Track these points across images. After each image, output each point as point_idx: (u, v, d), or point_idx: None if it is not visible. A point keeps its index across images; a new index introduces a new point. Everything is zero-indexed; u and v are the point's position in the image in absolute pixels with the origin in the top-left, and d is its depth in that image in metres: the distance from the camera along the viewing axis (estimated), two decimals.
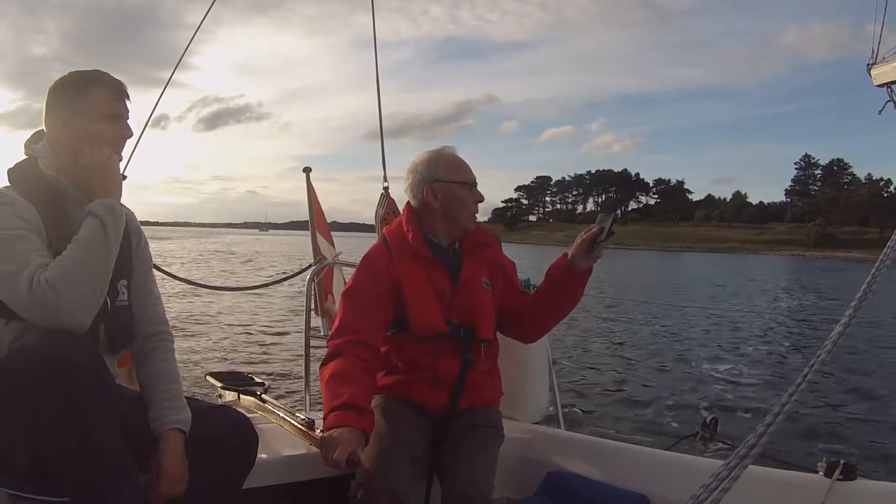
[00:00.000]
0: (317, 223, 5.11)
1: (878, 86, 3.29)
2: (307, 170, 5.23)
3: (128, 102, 2.51)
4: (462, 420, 3.11)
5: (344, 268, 4.99)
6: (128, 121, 2.51)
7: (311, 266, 4.78)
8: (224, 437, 2.49)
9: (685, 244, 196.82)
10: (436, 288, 3.18)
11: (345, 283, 4.72)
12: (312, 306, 4.51)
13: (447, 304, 3.18)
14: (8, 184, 2.37)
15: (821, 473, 2.64)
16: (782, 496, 2.69)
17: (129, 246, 2.61)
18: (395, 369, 3.25)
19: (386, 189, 5.02)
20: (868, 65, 3.36)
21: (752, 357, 16.59)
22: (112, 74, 2.52)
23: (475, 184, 3.31)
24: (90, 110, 2.41)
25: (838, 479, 2.56)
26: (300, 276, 5.40)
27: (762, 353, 17.22)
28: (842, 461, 2.63)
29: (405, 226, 3.26)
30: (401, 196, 4.27)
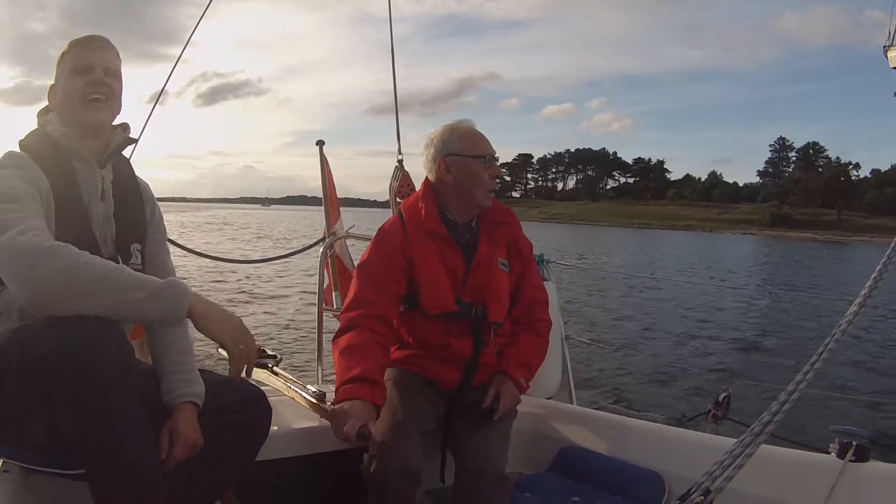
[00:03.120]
0: (331, 195, 5.11)
1: (894, 68, 3.26)
2: (320, 143, 5.22)
3: (103, 53, 2.50)
4: (475, 396, 3.09)
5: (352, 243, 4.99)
6: (108, 69, 2.49)
7: (324, 239, 4.78)
8: (237, 409, 2.48)
9: (645, 221, 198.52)
10: (448, 266, 3.14)
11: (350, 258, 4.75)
12: (325, 280, 4.51)
13: (459, 284, 3.15)
14: (18, 150, 2.39)
15: (833, 454, 2.61)
16: (794, 476, 2.66)
17: (143, 213, 2.64)
18: (407, 344, 3.24)
19: (400, 162, 4.98)
20: (884, 47, 3.33)
21: (761, 334, 16.70)
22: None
23: (493, 158, 3.23)
24: (64, 69, 2.47)
25: (851, 461, 2.53)
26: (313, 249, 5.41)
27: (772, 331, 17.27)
28: (854, 442, 2.59)
29: (420, 201, 3.23)
30: (416, 171, 4.26)
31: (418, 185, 3.42)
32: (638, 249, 60.96)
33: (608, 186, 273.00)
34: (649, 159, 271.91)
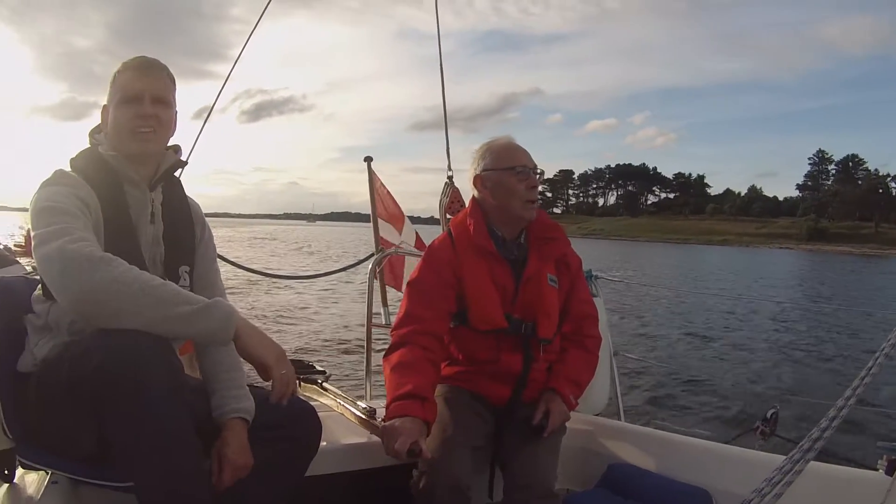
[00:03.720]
0: (381, 212, 5.14)
1: None
2: (368, 159, 5.26)
3: (154, 81, 2.47)
4: (525, 412, 3.08)
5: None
6: (157, 98, 2.46)
7: (373, 255, 4.81)
8: (287, 424, 2.50)
9: (683, 236, 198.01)
10: (497, 283, 3.14)
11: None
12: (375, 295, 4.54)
13: (509, 300, 3.14)
14: (69, 169, 2.41)
15: (881, 471, 2.58)
16: (842, 493, 2.64)
17: (192, 234, 2.66)
18: (457, 360, 3.25)
19: (450, 178, 4.99)
20: None
21: (805, 350, 16.52)
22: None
23: (530, 169, 3.20)
24: (113, 96, 2.46)
25: None
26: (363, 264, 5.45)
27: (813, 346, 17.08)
28: None
29: (469, 218, 3.23)
30: (465, 187, 4.29)
31: (468, 201, 3.44)
32: (675, 264, 60.67)
33: (649, 202, 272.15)
34: (689, 174, 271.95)
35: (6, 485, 2.54)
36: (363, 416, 3.20)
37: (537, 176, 3.23)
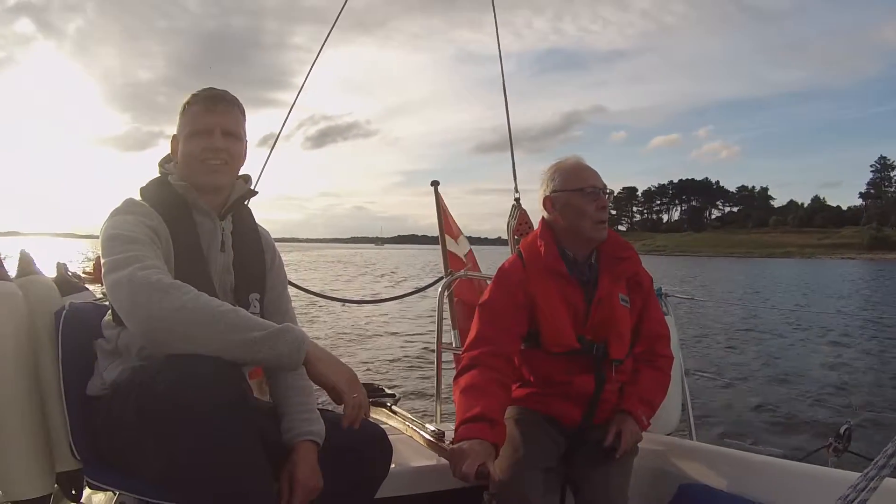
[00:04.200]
0: (451, 233, 5.14)
1: None
2: (435, 183, 5.25)
3: (224, 115, 2.49)
4: (596, 433, 3.05)
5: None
6: (227, 131, 2.49)
7: (442, 278, 4.81)
8: (358, 447, 2.49)
9: (746, 250, 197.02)
10: (569, 304, 3.10)
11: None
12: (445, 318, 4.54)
13: (581, 321, 3.11)
14: (139, 197, 2.44)
15: None
16: None
17: (262, 262, 2.68)
18: (528, 382, 3.22)
19: (517, 200, 4.97)
20: None
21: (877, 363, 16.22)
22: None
23: (600, 189, 3.16)
24: (183, 128, 2.49)
25: None
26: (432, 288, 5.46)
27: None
28: None
29: (539, 239, 3.21)
30: (532, 208, 4.28)
31: (536, 222, 3.42)
32: (737, 279, 60.17)
33: (713, 216, 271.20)
34: (753, 187, 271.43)
35: None
36: (432, 439, 3.19)
37: (607, 196, 3.19)
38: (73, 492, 2.62)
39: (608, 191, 3.21)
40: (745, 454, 3.26)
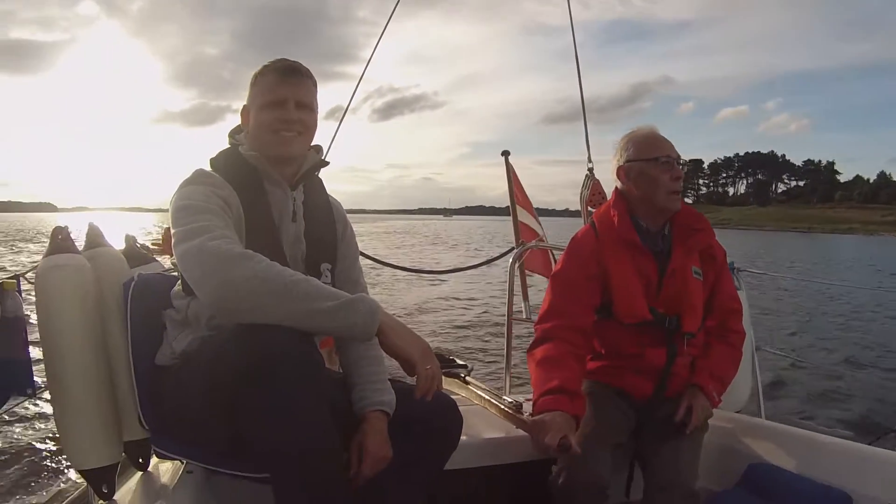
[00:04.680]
0: (523, 204, 5.13)
1: None
2: (506, 153, 5.24)
3: (298, 86, 2.46)
4: (667, 408, 3.02)
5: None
6: (301, 103, 2.46)
7: (513, 249, 4.79)
8: (428, 418, 2.47)
9: (807, 225, 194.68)
10: (642, 275, 3.07)
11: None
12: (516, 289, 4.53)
13: (653, 293, 3.08)
14: (209, 168, 2.44)
15: None
16: None
17: (334, 232, 2.66)
18: (599, 355, 3.21)
19: (590, 170, 4.93)
20: None
21: None
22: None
23: (673, 159, 3.10)
24: (255, 98, 2.47)
25: None
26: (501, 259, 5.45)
27: None
28: None
29: (612, 210, 3.18)
30: (604, 178, 4.25)
31: (608, 193, 3.39)
32: (801, 256, 59.35)
33: (778, 190, 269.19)
34: (819, 161, 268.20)
35: (140, 473, 2.61)
36: (509, 410, 3.21)
37: (681, 166, 3.13)
38: (141, 460, 2.65)
39: (682, 161, 3.15)
40: (815, 435, 3.22)
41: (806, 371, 11.68)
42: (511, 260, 4.53)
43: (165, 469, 2.64)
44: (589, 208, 4.69)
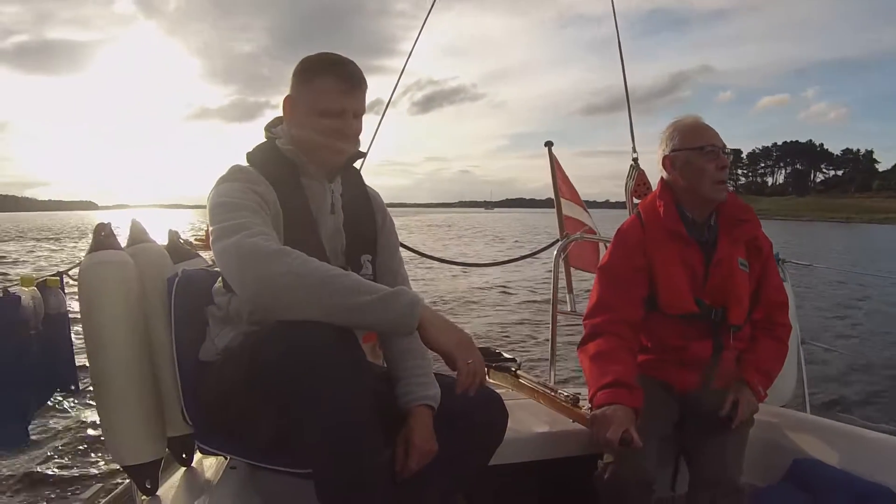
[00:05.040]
0: (569, 195, 5.11)
1: None
2: (549, 144, 5.23)
3: (357, 98, 2.42)
4: (712, 402, 2.98)
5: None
6: (358, 113, 2.43)
7: (557, 241, 4.78)
8: (473, 412, 2.45)
9: (845, 215, 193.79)
10: (687, 266, 3.04)
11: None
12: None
13: (699, 284, 3.05)
14: (246, 163, 2.42)
15: None
16: None
17: (373, 223, 2.65)
18: (644, 347, 3.18)
19: (635, 161, 4.89)
20: None
21: None
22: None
23: (719, 148, 3.06)
24: (312, 100, 2.38)
25: None
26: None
27: None
28: None
29: (658, 200, 3.15)
30: (649, 169, 4.22)
31: (654, 183, 3.37)
32: (839, 246, 58.81)
33: (818, 180, 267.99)
34: (858, 150, 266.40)
35: (183, 468, 2.63)
36: (566, 404, 3.19)
37: (727, 155, 3.09)
38: (184, 456, 2.68)
39: (728, 150, 3.11)
40: (862, 430, 3.18)
41: (852, 365, 11.54)
42: (556, 252, 4.51)
43: (209, 464, 2.66)
44: (634, 199, 4.67)
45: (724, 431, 2.94)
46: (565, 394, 3.25)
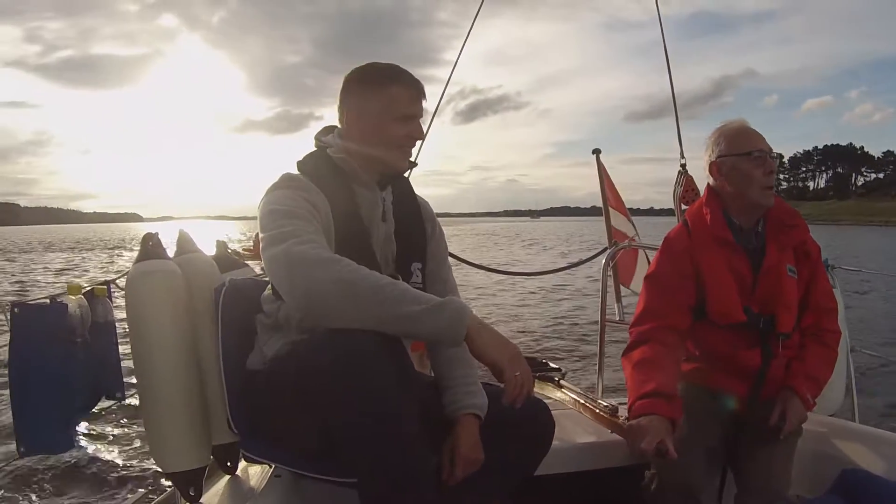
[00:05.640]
0: (614, 203, 5.10)
1: None
2: (597, 151, 5.24)
3: (424, 103, 2.49)
4: (761, 411, 2.94)
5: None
6: (421, 121, 2.49)
7: (606, 249, 4.76)
8: (520, 422, 2.44)
9: (883, 219, 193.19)
10: (736, 274, 3.00)
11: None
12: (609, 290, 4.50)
13: (747, 292, 3.00)
14: (298, 172, 2.43)
15: None
16: None
17: (423, 231, 2.65)
18: (693, 356, 3.15)
19: (683, 167, 4.85)
20: None
21: None
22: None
23: (766, 153, 3.01)
24: (386, 107, 2.40)
25: None
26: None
27: None
28: None
29: (704, 207, 3.12)
30: (697, 175, 4.20)
31: (701, 189, 3.35)
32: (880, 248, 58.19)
33: (860, 183, 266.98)
34: None
35: (227, 476, 2.64)
36: (604, 415, 3.18)
37: (774, 160, 3.05)
38: (228, 464, 2.69)
39: (775, 154, 3.07)
40: None
41: None
42: (604, 261, 4.50)
43: (253, 473, 2.67)
44: (683, 205, 4.64)
45: (772, 441, 2.90)
46: (604, 404, 3.24)
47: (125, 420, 8.05)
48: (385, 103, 2.40)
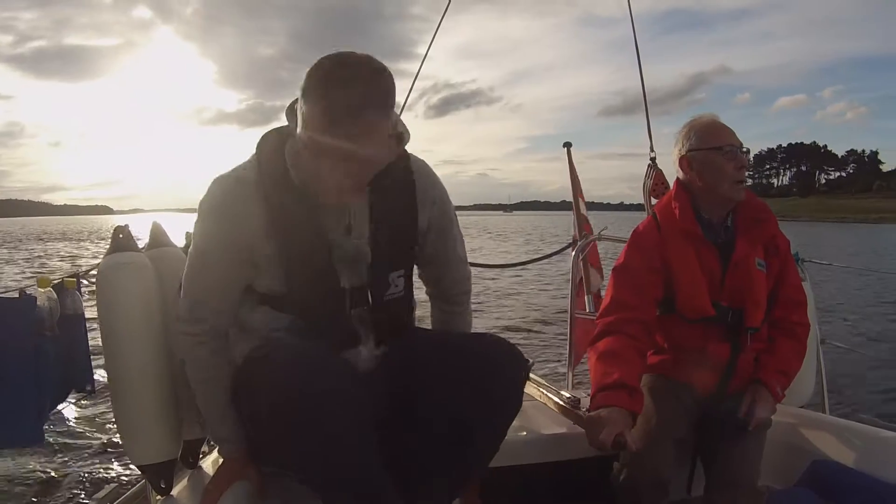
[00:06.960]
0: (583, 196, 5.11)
1: None
2: (567, 144, 5.23)
3: (372, 119, 1.95)
4: (730, 404, 2.97)
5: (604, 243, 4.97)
6: (373, 141, 1.96)
7: (575, 242, 4.77)
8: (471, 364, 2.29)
9: (839, 215, 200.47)
10: (704, 268, 3.01)
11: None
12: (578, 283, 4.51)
13: (716, 286, 3.01)
14: (254, 158, 2.21)
15: None
16: None
17: (412, 232, 2.40)
18: (662, 349, 3.16)
19: (653, 160, 4.78)
20: None
21: None
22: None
23: (737, 147, 3.03)
24: (315, 123, 1.93)
25: None
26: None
27: None
28: None
29: (673, 201, 3.12)
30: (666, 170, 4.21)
31: (671, 183, 3.35)
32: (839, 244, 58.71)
33: (823, 181, 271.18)
34: (863, 151, 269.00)
35: (190, 471, 2.64)
36: (566, 406, 3.19)
37: (745, 155, 3.07)
38: (191, 460, 2.72)
39: (745, 149, 3.09)
40: (882, 431, 3.15)
41: (871, 365, 11.41)
42: (574, 253, 4.50)
43: (214, 460, 2.66)
44: (652, 198, 4.65)
45: (742, 433, 2.92)
46: (567, 395, 3.26)
47: (96, 413, 8.01)
48: (317, 118, 1.94)
